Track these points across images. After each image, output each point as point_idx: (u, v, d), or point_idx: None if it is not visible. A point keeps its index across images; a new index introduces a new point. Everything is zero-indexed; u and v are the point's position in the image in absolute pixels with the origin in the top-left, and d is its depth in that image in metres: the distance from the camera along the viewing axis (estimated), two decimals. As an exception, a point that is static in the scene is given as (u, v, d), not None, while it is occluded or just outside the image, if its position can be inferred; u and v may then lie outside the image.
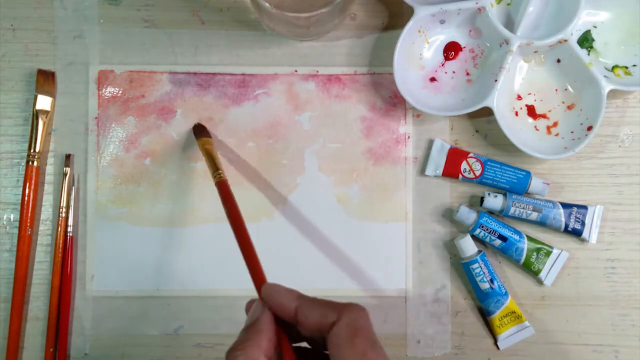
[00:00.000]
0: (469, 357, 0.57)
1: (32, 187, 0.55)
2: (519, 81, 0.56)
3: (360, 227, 0.57)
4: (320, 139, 0.57)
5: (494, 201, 0.56)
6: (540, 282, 0.57)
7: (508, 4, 0.56)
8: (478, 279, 0.55)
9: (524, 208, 0.55)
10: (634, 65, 0.56)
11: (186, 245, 0.57)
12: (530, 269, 0.56)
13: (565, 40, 0.53)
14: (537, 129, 0.56)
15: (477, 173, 0.56)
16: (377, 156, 0.57)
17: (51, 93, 0.56)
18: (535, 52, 0.55)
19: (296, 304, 0.35)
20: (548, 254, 0.56)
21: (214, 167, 0.49)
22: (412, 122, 0.58)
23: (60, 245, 0.55)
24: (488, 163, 0.56)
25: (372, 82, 0.58)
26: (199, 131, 0.55)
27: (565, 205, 0.56)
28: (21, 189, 0.55)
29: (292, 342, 0.36)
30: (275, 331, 0.35)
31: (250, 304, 0.38)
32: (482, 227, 0.55)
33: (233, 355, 0.34)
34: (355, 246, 0.57)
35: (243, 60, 0.57)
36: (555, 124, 0.56)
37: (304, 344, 0.37)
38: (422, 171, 0.57)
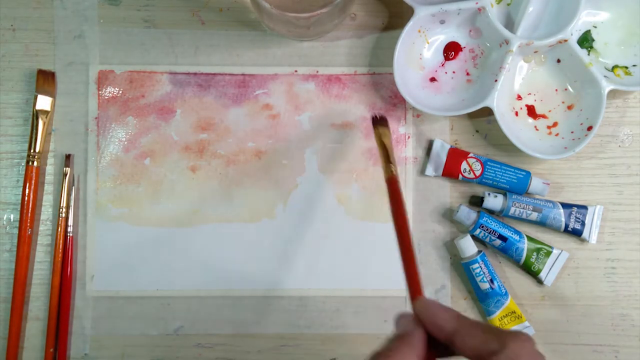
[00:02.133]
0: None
1: (32, 187, 0.55)
2: (519, 81, 0.56)
3: (360, 227, 0.57)
4: (320, 139, 0.57)
5: (494, 201, 0.56)
6: (540, 282, 0.57)
7: (508, 4, 0.56)
8: (478, 279, 0.55)
9: (524, 208, 0.55)
10: (634, 65, 0.56)
11: (186, 245, 0.57)
12: (530, 269, 0.56)
13: (565, 40, 0.53)
14: (537, 129, 0.56)
15: (477, 173, 0.56)
16: (377, 156, 0.57)
17: (51, 93, 0.56)
18: (535, 52, 0.55)
19: (455, 326, 0.33)
20: (548, 254, 0.56)
21: (387, 160, 0.47)
22: (412, 122, 0.58)
23: (60, 245, 0.55)
24: (488, 163, 0.56)
25: (372, 82, 0.58)
26: (379, 121, 0.53)
27: (565, 205, 0.56)
28: (21, 189, 0.55)
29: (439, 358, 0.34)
30: (425, 349, 0.33)
31: (402, 319, 0.36)
32: (482, 227, 0.55)
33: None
34: (355, 246, 0.57)
35: (243, 60, 0.57)
36: (555, 124, 0.56)
37: None
38: (422, 171, 0.57)
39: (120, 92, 0.57)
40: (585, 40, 0.56)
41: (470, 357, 0.33)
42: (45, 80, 0.56)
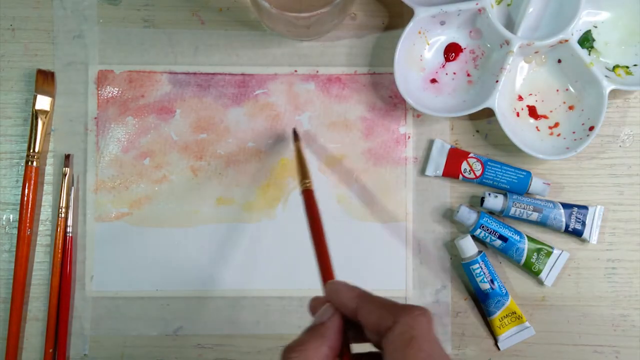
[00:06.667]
0: (470, 358, 0.57)
1: (32, 187, 0.55)
2: (519, 82, 0.56)
3: (360, 227, 0.57)
4: (320, 139, 0.57)
5: (495, 201, 0.56)
6: (540, 283, 0.57)
7: (508, 5, 0.56)
8: (478, 279, 0.55)
9: (524, 208, 0.55)
10: (635, 65, 0.55)
11: (186, 246, 0.57)
12: (530, 270, 0.56)
13: (566, 41, 0.53)
14: (538, 130, 0.56)
15: (478, 173, 0.56)
16: (377, 156, 0.57)
17: (50, 93, 0.56)
18: (536, 52, 0.55)
19: (356, 303, 0.33)
20: (548, 254, 0.56)
21: (304, 174, 0.49)
22: (412, 122, 0.57)
23: (60, 246, 0.55)
24: (488, 163, 0.56)
25: (372, 82, 0.57)
26: (296, 136, 0.55)
27: (565, 206, 0.56)
28: (20, 189, 0.55)
29: (363, 342, 0.34)
30: (340, 337, 0.33)
31: (314, 302, 0.36)
32: (483, 227, 0.55)
33: (289, 356, 0.31)
34: (355, 246, 0.57)
35: (243, 60, 0.57)
36: (556, 125, 0.56)
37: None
38: (422, 171, 0.57)
39: (120, 92, 0.57)
40: (586, 40, 0.56)
41: (374, 336, 0.32)
42: (44, 80, 0.56)
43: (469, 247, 0.55)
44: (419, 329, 0.30)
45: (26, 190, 0.55)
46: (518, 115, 0.56)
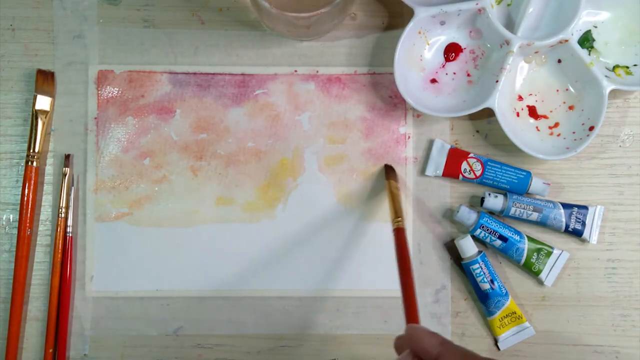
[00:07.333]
0: (469, 358, 0.57)
1: (32, 187, 0.55)
2: (520, 82, 0.56)
3: (360, 227, 0.57)
4: (320, 139, 0.57)
5: (495, 201, 0.56)
6: (540, 283, 0.57)
7: (508, 5, 0.56)
8: (478, 279, 0.55)
9: (524, 208, 0.55)
10: (635, 65, 0.55)
11: (186, 246, 0.57)
12: (530, 270, 0.56)
13: (566, 41, 0.53)
14: (538, 130, 0.56)
15: (478, 173, 0.56)
16: (377, 156, 0.57)
17: (50, 93, 0.56)
18: (536, 52, 0.55)
19: (438, 350, 0.35)
20: (548, 254, 0.56)
21: (396, 212, 0.51)
22: (412, 122, 0.57)
23: (60, 246, 0.55)
24: (488, 163, 0.56)
25: (372, 82, 0.57)
26: (389, 172, 0.56)
27: (565, 206, 0.56)
28: (20, 189, 0.55)
29: None
30: None
31: (399, 341, 0.38)
32: (483, 227, 0.55)
33: None
34: (355, 246, 0.57)
35: (243, 60, 0.57)
36: (556, 125, 0.56)
37: None
38: (422, 171, 0.57)
39: (120, 92, 0.57)
40: (586, 40, 0.56)
41: None
42: (44, 80, 0.56)
43: (469, 247, 0.55)
44: None
45: (26, 190, 0.55)
46: (518, 115, 0.56)
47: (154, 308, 0.57)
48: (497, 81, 0.53)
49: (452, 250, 0.57)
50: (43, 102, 0.55)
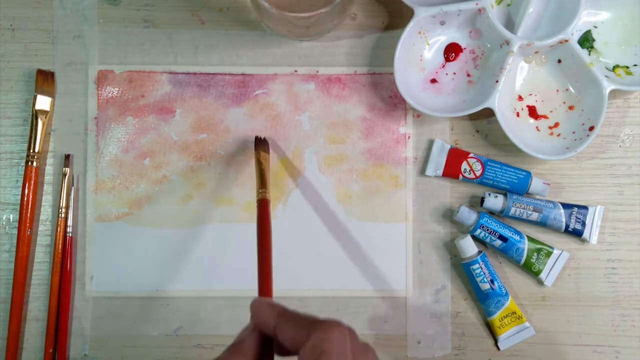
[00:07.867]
0: (469, 358, 0.57)
1: (32, 187, 0.55)
2: (519, 82, 0.56)
3: (360, 227, 0.57)
4: (320, 139, 0.57)
5: (495, 201, 0.56)
6: (540, 283, 0.57)
7: (508, 5, 0.56)
8: (478, 279, 0.55)
9: (524, 208, 0.55)
10: (635, 65, 0.55)
11: (186, 246, 0.57)
12: (530, 270, 0.56)
13: (566, 41, 0.53)
14: (538, 130, 0.56)
15: (478, 173, 0.56)
16: (377, 156, 0.57)
17: (50, 93, 0.56)
18: (536, 52, 0.55)
19: (276, 321, 0.33)
20: (548, 254, 0.56)
21: (261, 183, 0.51)
22: (412, 122, 0.57)
23: (60, 246, 0.55)
24: (488, 163, 0.56)
25: (372, 82, 0.57)
26: (259, 144, 0.55)
27: (565, 206, 0.56)
28: (20, 189, 0.55)
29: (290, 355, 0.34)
30: (258, 354, 0.33)
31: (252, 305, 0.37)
32: (483, 227, 0.55)
33: None
34: (355, 246, 0.57)
35: (243, 60, 0.57)
36: (556, 125, 0.56)
37: None
38: (422, 171, 0.57)
39: (120, 92, 0.57)
40: (586, 40, 0.56)
41: (291, 351, 0.32)
42: (44, 80, 0.56)
43: (469, 247, 0.55)
44: (330, 343, 0.30)
45: (26, 190, 0.55)
46: (518, 115, 0.56)
47: (154, 308, 0.57)
48: (497, 81, 0.53)
49: (452, 250, 0.57)
50: (43, 102, 0.55)
